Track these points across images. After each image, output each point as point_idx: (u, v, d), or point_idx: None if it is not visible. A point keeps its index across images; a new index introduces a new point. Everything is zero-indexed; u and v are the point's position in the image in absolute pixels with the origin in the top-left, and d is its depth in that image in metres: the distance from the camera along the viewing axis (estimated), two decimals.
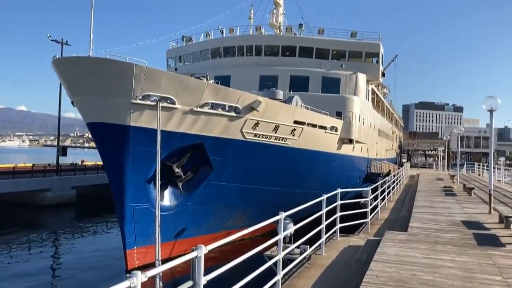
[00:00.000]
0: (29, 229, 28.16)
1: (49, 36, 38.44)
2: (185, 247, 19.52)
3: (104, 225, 30.35)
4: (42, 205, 35.21)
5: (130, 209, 18.08)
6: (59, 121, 42.64)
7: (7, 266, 19.98)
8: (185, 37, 38.52)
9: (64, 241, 26.22)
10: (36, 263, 20.60)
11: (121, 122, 17.18)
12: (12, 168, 38.61)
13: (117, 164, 17.78)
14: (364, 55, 35.73)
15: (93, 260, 21.01)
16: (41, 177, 37.06)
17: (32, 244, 24.66)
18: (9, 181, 33.60)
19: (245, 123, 20.85)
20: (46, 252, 23.39)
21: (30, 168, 40.13)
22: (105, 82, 16.55)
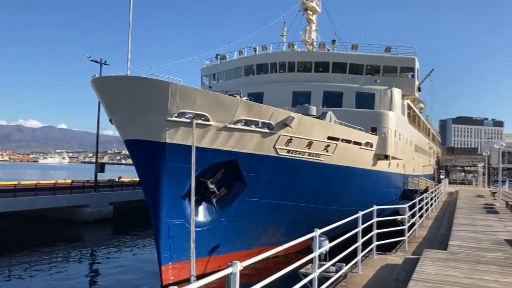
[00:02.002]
0: (68, 244, 28.91)
1: (89, 57, 39.93)
2: (219, 263, 19.53)
3: (140, 240, 30.80)
4: (81, 220, 36.11)
5: (165, 224, 18.29)
6: (97, 138, 43.94)
7: (48, 279, 20.51)
8: (219, 55, 39.15)
9: (101, 256, 26.74)
10: (75, 277, 21.04)
11: (157, 139, 17.52)
12: (52, 184, 39.92)
13: (153, 180, 18.09)
14: (399, 70, 35.23)
15: (129, 275, 21.30)
16: (80, 193, 38.11)
17: (71, 258, 25.27)
18: (50, 197, 34.74)
19: (278, 139, 20.85)
20: (84, 267, 23.91)
21: (69, 184, 41.38)
22: (141, 100, 16.98)
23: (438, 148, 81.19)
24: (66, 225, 35.08)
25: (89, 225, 35.71)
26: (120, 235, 33.58)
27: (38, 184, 38.28)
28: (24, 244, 28.08)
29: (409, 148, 40.39)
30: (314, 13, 39.17)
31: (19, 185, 36.41)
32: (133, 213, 39.22)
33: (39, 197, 33.87)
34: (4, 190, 33.65)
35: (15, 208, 32.14)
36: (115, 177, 55.19)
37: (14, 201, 31.94)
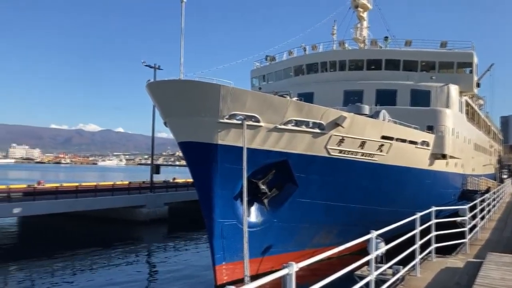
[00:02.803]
0: (126, 243, 30.02)
1: (144, 62, 41.30)
2: (271, 264, 19.55)
3: (194, 240, 31.43)
4: (137, 220, 37.39)
5: (218, 225, 18.54)
6: (152, 141, 45.33)
7: (108, 276, 21.39)
8: (268, 57, 39.24)
9: (157, 255, 27.54)
10: (133, 275, 21.82)
11: (209, 141, 17.82)
12: (111, 186, 41.64)
13: (205, 181, 18.40)
14: (455, 66, 33.75)
15: (184, 274, 21.78)
16: (137, 193, 39.48)
17: (129, 257, 26.21)
18: (109, 198, 36.27)
19: (329, 140, 20.58)
20: (141, 265, 24.74)
21: (127, 185, 42.98)
22: (194, 103, 17.33)
23: (499, 147, 77.00)
24: (124, 225, 36.45)
25: (145, 225, 36.91)
26: (175, 235, 34.44)
27: (97, 186, 40.10)
28: (85, 242, 29.46)
29: (468, 147, 38.58)
30: (365, 10, 38.36)
31: (80, 187, 38.28)
32: (187, 214, 40.11)
33: (98, 198, 35.45)
34: (67, 192, 35.49)
35: (76, 208, 33.82)
36: (170, 178, 56.66)
37: (76, 202, 33.61)
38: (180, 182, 50.68)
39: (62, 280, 20.66)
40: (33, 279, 20.71)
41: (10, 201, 30.13)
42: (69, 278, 21.02)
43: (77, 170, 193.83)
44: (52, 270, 22.34)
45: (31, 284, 20.08)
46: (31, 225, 34.98)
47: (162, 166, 59.60)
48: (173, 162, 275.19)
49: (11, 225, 35.66)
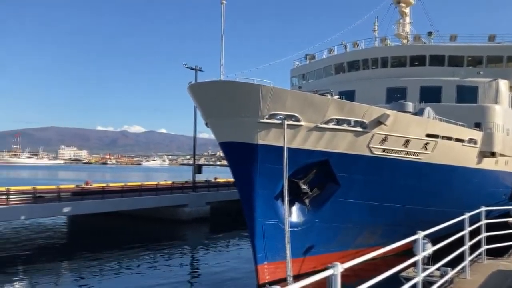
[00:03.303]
0: (170, 242, 30.67)
1: (185, 64, 42.02)
2: (313, 264, 19.41)
3: (236, 239, 31.68)
4: (180, 219, 38.09)
5: (259, 224, 18.59)
6: (194, 141, 46.08)
7: (153, 273, 21.92)
8: (308, 55, 38.97)
9: (200, 253, 27.96)
10: (177, 273, 22.23)
11: (249, 141, 17.89)
12: (155, 185, 42.63)
13: (246, 180, 18.50)
14: (505, 60, 32.30)
15: (226, 273, 22.00)
16: (179, 193, 40.22)
17: (173, 256, 26.72)
18: (153, 197, 37.17)
19: (372, 138, 20.20)
20: (185, 263, 25.19)
21: (170, 185, 43.86)
22: (234, 104, 17.46)
23: None
24: (167, 224, 37.22)
25: (188, 224, 37.54)
26: (216, 234, 34.87)
27: (142, 186, 41.15)
28: (131, 241, 30.30)
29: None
30: (408, 5, 37.37)
31: (125, 187, 39.39)
32: (228, 213, 40.50)
33: (143, 198, 36.39)
34: (113, 191, 36.63)
35: (122, 208, 34.86)
36: (211, 177, 57.36)
37: (121, 202, 34.65)
38: (221, 182, 51.20)
39: (110, 277, 21.37)
40: (83, 276, 21.51)
41: (60, 200, 31.43)
42: (116, 275, 21.71)
43: (122, 170, 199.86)
44: (100, 267, 23.12)
45: (81, 280, 20.86)
46: (79, 224, 36.37)
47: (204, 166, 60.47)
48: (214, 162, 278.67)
49: (61, 223, 37.20)
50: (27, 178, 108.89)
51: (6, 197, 28.80)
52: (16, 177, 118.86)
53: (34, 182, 60.84)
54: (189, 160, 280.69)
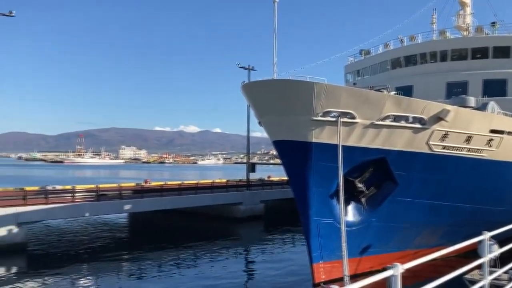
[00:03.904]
0: (225, 239, 31.16)
1: (238, 64, 42.49)
2: (370, 264, 19.01)
3: (290, 238, 31.64)
4: (235, 217, 38.58)
5: (315, 223, 18.46)
6: (248, 140, 46.49)
7: (207, 272, 22.37)
8: (363, 51, 38.13)
9: (254, 252, 28.17)
10: (232, 269, 22.56)
11: (303, 139, 17.79)
12: (210, 184, 43.46)
13: (301, 179, 18.42)
14: None
15: (281, 271, 22.01)
16: (234, 191, 40.73)
17: (228, 253, 27.11)
18: (209, 195, 37.92)
19: (431, 135, 19.45)
20: (240, 260, 25.51)
21: (225, 183, 44.55)
22: (287, 102, 17.42)
23: None
24: (222, 222, 37.84)
25: (242, 222, 37.96)
26: (271, 232, 34.99)
27: (198, 184, 42.11)
28: (188, 238, 31.08)
29: None
30: None
31: (182, 185, 40.43)
32: (282, 211, 40.53)
33: (199, 196, 37.21)
34: (170, 189, 37.73)
35: (179, 205, 35.83)
36: (265, 176, 57.63)
37: (179, 199, 35.60)
38: (275, 180, 51.30)
39: (168, 273, 22.02)
40: (143, 272, 22.33)
41: (121, 198, 32.78)
42: (174, 272, 22.35)
43: (179, 169, 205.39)
44: (159, 263, 23.90)
45: (141, 276, 21.68)
46: (139, 221, 37.77)
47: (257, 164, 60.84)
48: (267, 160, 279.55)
49: (122, 220, 38.80)
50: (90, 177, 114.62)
51: (72, 195, 30.45)
52: (80, 176, 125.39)
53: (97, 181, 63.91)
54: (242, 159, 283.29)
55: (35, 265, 23.74)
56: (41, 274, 21.18)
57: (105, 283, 20.36)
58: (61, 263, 23.68)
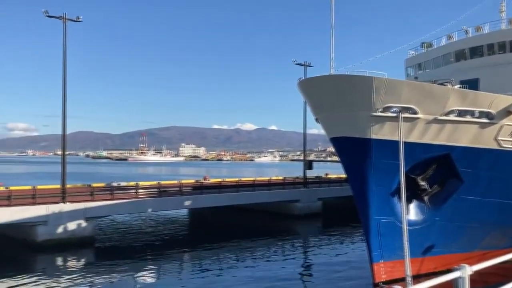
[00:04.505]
0: (282, 236, 31.18)
1: (294, 61, 42.30)
2: (434, 264, 18.31)
3: (348, 236, 31.13)
4: (292, 214, 38.53)
5: (375, 222, 18.03)
6: (304, 137, 46.24)
7: (264, 268, 22.50)
8: (424, 43, 36.62)
9: (312, 249, 28.00)
10: (288, 268, 22.53)
11: (362, 136, 17.42)
12: (267, 181, 43.69)
13: (360, 176, 18.04)
14: None
15: (340, 270, 21.70)
16: (291, 189, 40.68)
17: (285, 250, 27.14)
18: (266, 192, 38.13)
19: (500, 130, 18.37)
20: (297, 258, 25.41)
21: (281, 181, 44.61)
22: (345, 97, 17.12)
23: None
24: (279, 219, 37.93)
25: (299, 219, 37.85)
26: (328, 230, 34.61)
27: (255, 181, 42.47)
28: (246, 234, 31.45)
29: None
30: None
31: (240, 182, 40.97)
32: (340, 209, 39.97)
33: (257, 193, 37.50)
34: (228, 186, 38.35)
35: (237, 202, 36.35)
36: (322, 173, 57.10)
37: (237, 196, 36.11)
38: (332, 178, 50.69)
39: (227, 268, 22.43)
40: (203, 266, 22.88)
41: (182, 194, 33.74)
42: (232, 267, 22.71)
43: (236, 166, 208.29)
44: (219, 258, 24.40)
45: (201, 269, 22.23)
46: (199, 216, 38.71)
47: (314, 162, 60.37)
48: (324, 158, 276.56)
49: (183, 216, 39.94)
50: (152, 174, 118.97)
51: (136, 191, 31.76)
52: (143, 173, 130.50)
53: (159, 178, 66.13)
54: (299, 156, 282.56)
55: (102, 257, 25.02)
56: (107, 267, 22.29)
57: (167, 277, 21.07)
58: (126, 256, 24.77)
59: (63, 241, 25.84)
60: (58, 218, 26.15)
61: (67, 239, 26.08)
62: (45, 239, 25.46)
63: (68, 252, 25.00)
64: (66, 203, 27.18)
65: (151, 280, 20.52)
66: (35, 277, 20.25)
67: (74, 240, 26.20)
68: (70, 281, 19.76)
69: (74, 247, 25.65)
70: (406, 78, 36.72)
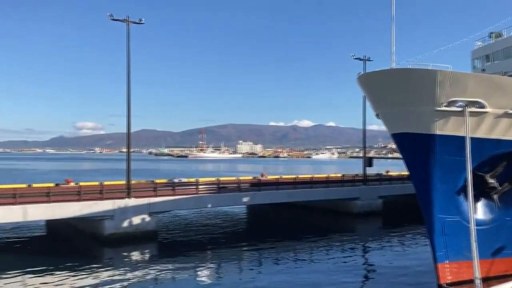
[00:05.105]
0: (341, 235, 30.79)
1: (353, 55, 41.48)
2: (505, 267, 17.36)
3: (411, 235, 30.12)
4: (351, 212, 37.87)
5: (439, 221, 17.33)
6: (364, 133, 45.26)
7: (323, 267, 22.30)
8: (493, 33, 34.56)
9: (372, 248, 27.36)
10: (347, 267, 22.17)
11: (425, 131, 16.78)
12: (325, 178, 43.21)
13: (423, 174, 17.40)
14: None
15: (402, 270, 21.06)
16: (350, 186, 39.97)
17: (344, 249, 26.72)
18: (323, 189, 37.73)
19: None
20: (357, 258, 24.93)
21: (340, 178, 43.96)
22: (407, 92, 16.55)
23: None
24: (338, 216, 37.40)
25: (359, 218, 37.13)
26: (389, 229, 33.69)
27: (313, 178, 42.15)
28: (304, 231, 31.31)
29: None
30: None
31: (297, 179, 40.83)
32: (402, 208, 38.78)
33: (314, 190, 37.22)
34: (285, 183, 38.34)
35: (295, 199, 36.26)
36: (382, 171, 55.67)
37: (294, 193, 36.02)
38: (393, 175, 49.24)
39: (285, 265, 22.46)
40: (261, 262, 23.13)
41: (240, 191, 34.18)
42: (290, 264, 22.68)
43: (293, 163, 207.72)
44: (276, 255, 24.47)
45: (260, 266, 22.46)
46: (256, 213, 39.05)
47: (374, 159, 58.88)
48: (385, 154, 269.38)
49: (241, 212, 40.46)
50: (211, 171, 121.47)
51: (196, 187, 32.58)
52: (202, 169, 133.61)
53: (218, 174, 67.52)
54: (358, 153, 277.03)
55: (164, 251, 25.94)
56: (170, 260, 23.07)
57: (227, 272, 21.45)
58: (187, 250, 25.51)
59: (129, 234, 27.05)
60: (123, 212, 27.41)
61: (132, 233, 27.27)
62: (112, 232, 26.77)
63: (133, 245, 26.14)
64: (131, 198, 28.40)
65: (211, 274, 20.98)
66: (103, 269, 21.41)
67: (139, 234, 27.34)
68: (135, 274, 20.67)
69: (139, 241, 26.76)
70: (472, 70, 34.87)
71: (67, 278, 19.68)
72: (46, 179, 57.16)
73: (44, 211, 25.53)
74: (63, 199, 26.84)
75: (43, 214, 25.79)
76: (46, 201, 25.99)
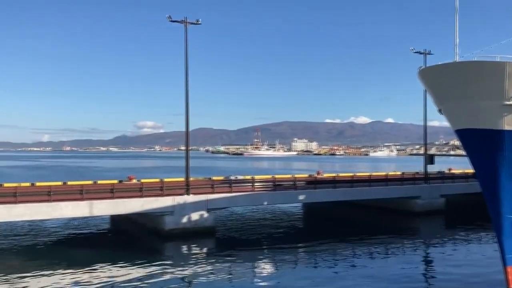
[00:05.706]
0: (402, 234, 29.88)
1: (413, 49, 40.04)
2: None
3: (476, 236, 28.71)
4: (412, 211, 36.64)
5: (508, 221, 16.33)
6: (425, 130, 43.61)
7: (381, 268, 21.76)
8: None
9: (435, 249, 26.33)
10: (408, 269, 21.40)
11: (492, 127, 15.86)
12: (384, 176, 42.10)
13: (490, 171, 16.46)
14: None
15: (466, 273, 20.14)
16: (410, 184, 38.67)
17: (405, 249, 25.93)
18: (383, 188, 36.74)
19: None
20: (418, 259, 24.14)
21: (399, 176, 42.67)
22: (472, 86, 15.72)
23: None
24: (398, 215, 36.32)
25: (420, 217, 35.87)
26: (453, 229, 32.30)
27: (371, 176, 41.23)
28: (362, 230, 30.75)
29: None
30: None
31: (355, 177, 40.14)
32: (467, 207, 37.06)
33: (373, 188, 36.34)
34: (342, 181, 37.75)
35: (352, 197, 35.61)
36: (445, 168, 53.45)
37: (352, 191, 35.38)
38: (457, 173, 47.11)
39: (342, 265, 22.11)
40: (317, 262, 22.87)
41: (296, 189, 34.06)
42: (348, 265, 22.26)
43: (350, 161, 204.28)
44: (333, 255, 24.08)
45: (315, 264, 22.26)
46: (313, 211, 38.76)
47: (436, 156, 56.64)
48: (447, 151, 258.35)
49: (297, 210, 40.33)
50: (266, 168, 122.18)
51: (252, 184, 32.86)
52: (258, 167, 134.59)
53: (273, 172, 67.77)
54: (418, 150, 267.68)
55: (222, 247, 26.39)
56: (227, 256, 23.46)
57: (283, 270, 21.48)
58: (244, 247, 25.83)
59: (188, 230, 27.80)
60: (183, 208, 28.18)
61: (191, 228, 28.01)
62: (172, 228, 27.62)
63: (191, 240, 26.83)
64: (189, 195, 29.13)
65: (268, 270, 21.10)
66: (164, 264, 22.13)
67: (197, 230, 28.02)
68: (194, 269, 21.23)
69: (197, 236, 27.43)
70: None
71: (134, 270, 20.58)
72: (110, 176, 60.09)
73: (108, 206, 26.79)
74: (126, 195, 28.02)
75: (108, 209, 27.07)
76: (110, 197, 27.25)
